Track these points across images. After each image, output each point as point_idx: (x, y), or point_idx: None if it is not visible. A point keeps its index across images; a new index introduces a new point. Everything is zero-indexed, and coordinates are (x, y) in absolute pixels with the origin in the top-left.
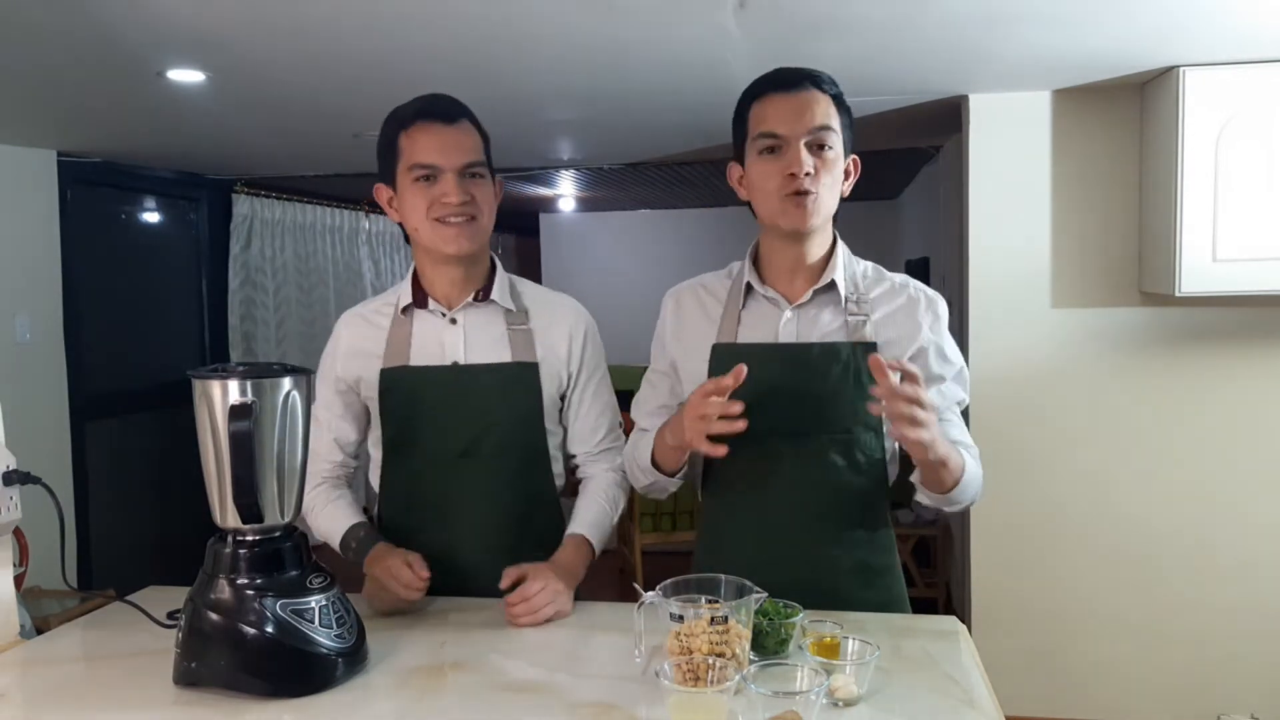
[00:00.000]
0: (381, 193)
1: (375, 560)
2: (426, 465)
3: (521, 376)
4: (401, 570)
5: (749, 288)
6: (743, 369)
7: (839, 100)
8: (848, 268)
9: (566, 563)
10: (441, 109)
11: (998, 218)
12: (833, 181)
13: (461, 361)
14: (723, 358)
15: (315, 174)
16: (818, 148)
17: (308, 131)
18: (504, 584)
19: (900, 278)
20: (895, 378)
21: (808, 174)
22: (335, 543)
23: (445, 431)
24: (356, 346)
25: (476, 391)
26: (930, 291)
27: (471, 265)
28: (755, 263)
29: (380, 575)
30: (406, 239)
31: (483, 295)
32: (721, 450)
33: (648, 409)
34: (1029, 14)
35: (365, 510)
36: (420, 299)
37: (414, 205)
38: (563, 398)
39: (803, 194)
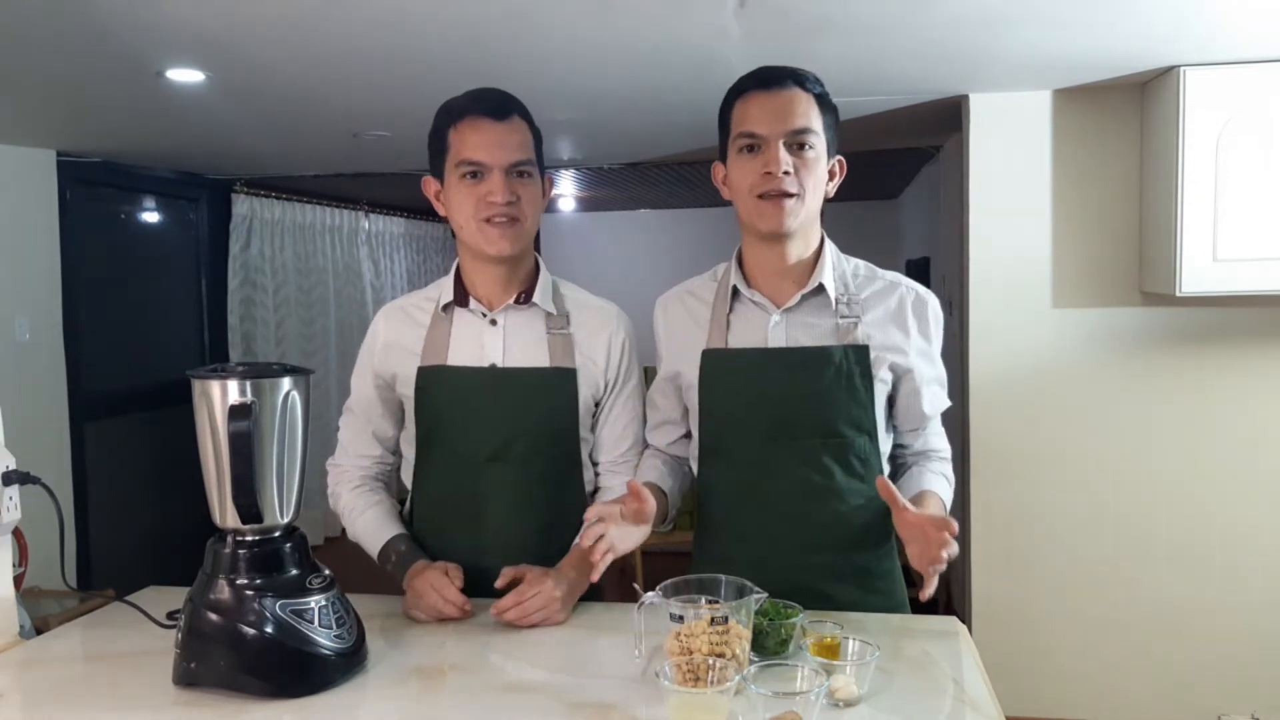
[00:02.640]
0: (429, 186)
1: (416, 574)
2: (457, 466)
3: (559, 382)
4: (444, 584)
5: (736, 292)
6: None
7: (823, 100)
8: (837, 267)
9: (570, 572)
10: (492, 104)
11: (998, 218)
12: (815, 182)
13: (499, 364)
14: (712, 364)
15: (315, 174)
16: (798, 148)
17: (308, 131)
18: (500, 583)
19: (892, 275)
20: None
21: (786, 173)
22: (374, 552)
23: (477, 434)
24: (395, 341)
25: (512, 395)
26: (923, 291)
27: (515, 266)
28: (741, 265)
29: (421, 588)
30: (453, 234)
31: (525, 297)
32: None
33: (650, 425)
34: (1029, 14)
35: (400, 505)
36: (461, 297)
37: (460, 203)
38: (597, 405)
39: (780, 195)
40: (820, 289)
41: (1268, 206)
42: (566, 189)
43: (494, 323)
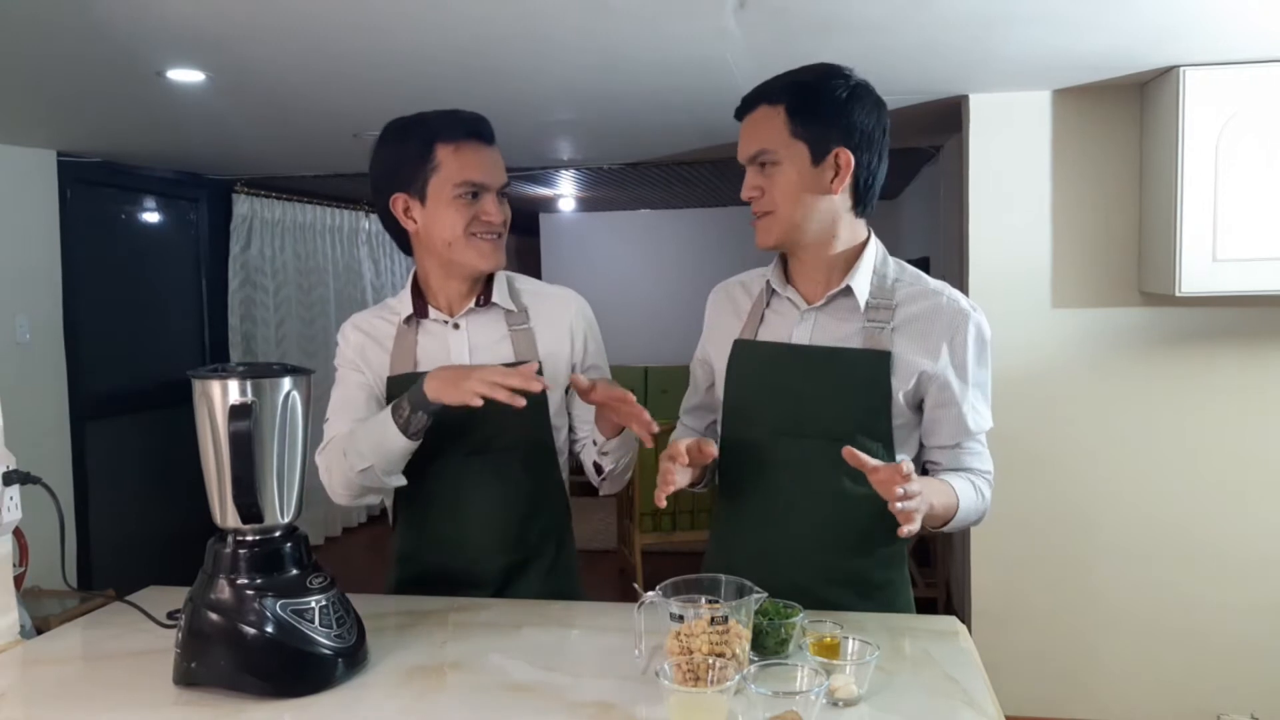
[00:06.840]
0: (399, 202)
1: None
2: (437, 465)
3: None
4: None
5: (772, 288)
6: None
7: (796, 105)
8: (878, 271)
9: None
10: (486, 130)
11: (998, 218)
12: (786, 194)
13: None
14: (740, 354)
15: (315, 174)
16: (764, 165)
17: (308, 131)
18: (582, 387)
19: (937, 285)
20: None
21: (754, 196)
22: (384, 426)
23: (453, 432)
24: (363, 356)
25: None
26: (964, 304)
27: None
28: (785, 263)
29: (461, 369)
30: (404, 248)
31: (484, 299)
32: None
33: (686, 407)
34: (1029, 14)
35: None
36: (421, 309)
37: (451, 221)
38: (567, 391)
39: (758, 215)
40: (849, 291)
41: (1267, 206)
42: (566, 189)
43: (456, 326)
